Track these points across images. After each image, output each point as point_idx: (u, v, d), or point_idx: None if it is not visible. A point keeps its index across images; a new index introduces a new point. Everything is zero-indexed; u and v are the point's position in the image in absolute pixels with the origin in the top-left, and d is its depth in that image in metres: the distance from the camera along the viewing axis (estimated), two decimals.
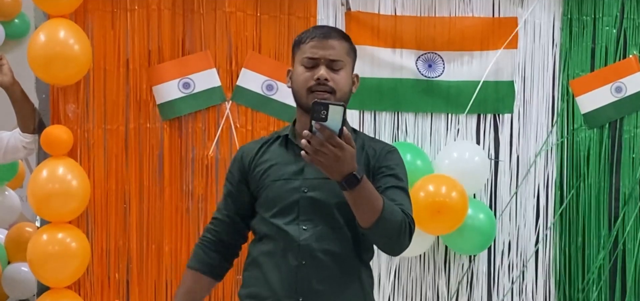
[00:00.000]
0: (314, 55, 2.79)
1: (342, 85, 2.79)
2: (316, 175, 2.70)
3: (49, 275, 3.93)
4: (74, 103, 4.00)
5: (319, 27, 2.90)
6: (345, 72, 2.82)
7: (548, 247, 4.22)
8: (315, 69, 2.78)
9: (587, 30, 4.19)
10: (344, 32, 2.92)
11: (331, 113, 2.44)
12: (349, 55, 2.85)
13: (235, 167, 2.95)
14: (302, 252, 2.75)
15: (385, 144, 2.93)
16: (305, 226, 2.77)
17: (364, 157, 2.83)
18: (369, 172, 2.80)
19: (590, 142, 4.18)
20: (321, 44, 2.79)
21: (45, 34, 3.84)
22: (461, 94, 4.18)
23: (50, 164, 3.89)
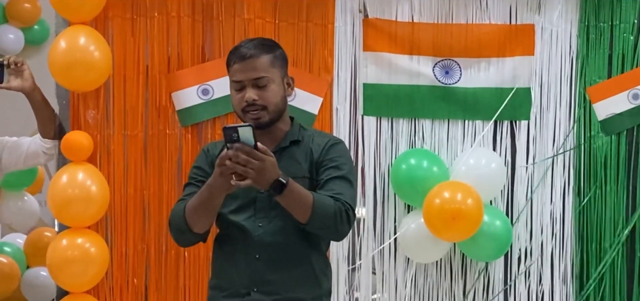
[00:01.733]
0: (239, 78, 2.96)
1: (271, 98, 2.95)
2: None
3: (68, 279, 3.95)
4: (94, 109, 4.03)
5: (242, 45, 3.01)
6: (273, 84, 2.97)
7: (565, 254, 4.22)
8: (243, 91, 2.96)
9: (604, 37, 4.19)
10: (267, 42, 3.05)
11: (241, 134, 2.66)
12: (273, 66, 2.98)
13: (203, 161, 3.08)
14: (256, 246, 2.95)
15: (330, 137, 3.10)
16: (260, 223, 2.97)
17: (308, 153, 3.02)
18: (313, 165, 3.00)
19: (607, 148, 4.18)
20: (243, 66, 2.96)
21: (65, 40, 3.87)
22: (478, 101, 4.19)
23: (70, 170, 3.92)
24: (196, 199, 2.92)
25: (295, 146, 3.04)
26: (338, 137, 3.19)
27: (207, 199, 2.88)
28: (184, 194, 3.08)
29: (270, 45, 3.04)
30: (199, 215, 2.93)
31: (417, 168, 4.09)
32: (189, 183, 3.10)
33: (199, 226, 2.96)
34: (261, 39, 3.09)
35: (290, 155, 3.02)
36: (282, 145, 3.02)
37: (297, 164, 3.00)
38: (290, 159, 3.00)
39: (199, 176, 3.07)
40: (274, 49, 3.04)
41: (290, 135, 3.05)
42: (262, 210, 2.98)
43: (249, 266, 2.97)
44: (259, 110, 2.95)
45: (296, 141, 3.04)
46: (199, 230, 2.97)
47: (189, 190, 3.06)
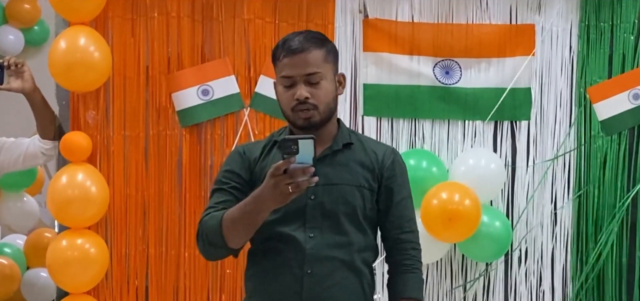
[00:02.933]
0: (289, 74, 2.71)
1: (323, 97, 2.71)
2: (322, 180, 2.62)
3: (68, 280, 3.95)
4: (93, 110, 4.03)
5: (290, 38, 2.75)
6: (326, 81, 2.72)
7: (565, 254, 4.22)
8: (293, 88, 2.70)
9: (605, 37, 4.19)
10: (318, 35, 2.79)
11: (301, 147, 2.43)
12: (326, 61, 2.74)
13: (238, 165, 2.79)
14: (308, 260, 2.70)
15: (385, 148, 2.87)
16: (312, 234, 2.71)
17: (366, 160, 2.79)
18: (374, 175, 2.78)
19: (608, 149, 4.18)
20: (294, 61, 2.70)
21: (65, 41, 3.87)
22: (478, 101, 4.19)
23: (69, 170, 3.92)
24: (238, 211, 2.60)
25: (348, 150, 2.80)
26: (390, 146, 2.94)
27: (253, 212, 2.56)
28: (213, 201, 2.75)
29: (322, 39, 2.77)
30: (239, 229, 2.62)
31: (416, 169, 4.08)
32: (219, 189, 2.77)
33: (236, 242, 2.66)
34: (311, 32, 2.80)
35: (345, 160, 2.78)
36: (335, 148, 2.78)
37: (355, 171, 2.77)
38: (346, 165, 2.77)
39: (232, 181, 2.77)
40: (326, 42, 2.78)
41: (341, 138, 2.80)
42: (314, 218, 2.71)
43: (299, 282, 2.69)
44: (311, 110, 2.70)
45: (348, 144, 2.80)
46: (235, 245, 2.66)
47: (220, 196, 2.75)
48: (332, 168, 2.74)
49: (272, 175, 2.45)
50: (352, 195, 2.73)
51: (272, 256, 2.73)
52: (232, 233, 2.62)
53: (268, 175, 2.47)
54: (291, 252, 2.70)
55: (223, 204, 2.71)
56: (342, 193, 2.72)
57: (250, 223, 2.60)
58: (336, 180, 2.73)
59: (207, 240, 2.68)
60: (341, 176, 2.73)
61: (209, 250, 2.71)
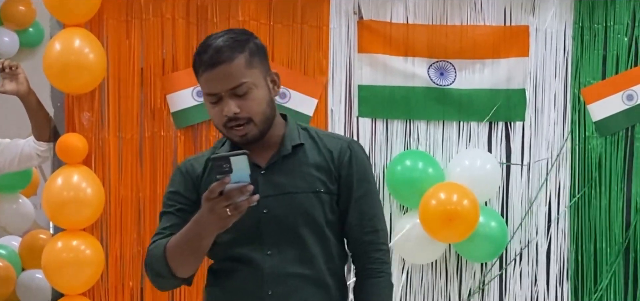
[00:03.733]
0: (212, 90, 2.42)
1: (255, 106, 2.42)
2: (274, 190, 2.46)
3: (63, 282, 3.95)
4: (88, 112, 4.03)
5: (205, 49, 2.44)
6: (256, 89, 2.43)
7: (560, 255, 4.23)
8: (220, 103, 2.42)
9: (599, 38, 4.19)
10: (237, 37, 2.46)
11: (234, 164, 2.21)
12: (251, 66, 2.43)
13: (181, 185, 2.55)
14: (267, 281, 2.46)
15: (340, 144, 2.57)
16: (269, 251, 2.47)
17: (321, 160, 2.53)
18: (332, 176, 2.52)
19: (602, 149, 4.18)
20: (214, 75, 2.40)
21: (60, 42, 3.87)
22: (473, 102, 4.19)
23: (65, 172, 3.92)
24: (180, 239, 2.38)
25: (299, 152, 2.53)
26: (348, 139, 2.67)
27: (195, 239, 2.34)
28: (160, 227, 2.52)
29: (241, 40, 2.44)
30: (185, 258, 2.39)
31: (412, 170, 4.10)
32: (165, 213, 2.54)
33: (183, 271, 2.43)
34: (229, 34, 2.47)
35: (297, 164, 2.51)
36: (284, 153, 2.51)
37: (309, 176, 2.50)
38: (298, 170, 2.51)
39: (178, 203, 2.52)
40: (248, 42, 2.45)
41: (289, 139, 2.52)
42: (270, 234, 2.47)
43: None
44: (245, 125, 2.42)
45: (299, 145, 2.53)
46: (183, 274, 2.44)
47: (167, 221, 2.51)
48: (284, 176, 2.49)
49: (207, 199, 2.23)
50: (309, 203, 2.48)
51: (230, 279, 2.51)
52: (177, 262, 2.40)
53: (203, 199, 2.25)
54: (249, 274, 2.47)
55: (170, 229, 2.48)
56: (298, 203, 2.47)
57: (195, 250, 2.38)
58: (289, 188, 2.48)
59: (154, 271, 2.46)
60: (294, 183, 2.48)
61: (157, 281, 2.48)
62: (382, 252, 2.56)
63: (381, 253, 2.56)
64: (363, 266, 2.56)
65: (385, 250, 2.58)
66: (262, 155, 2.50)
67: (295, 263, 2.48)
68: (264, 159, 2.50)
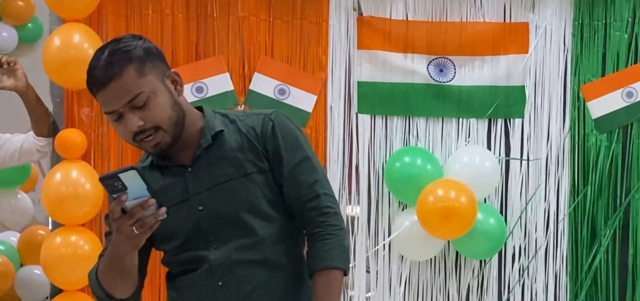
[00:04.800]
0: (110, 109, 2.32)
1: (159, 114, 2.32)
2: (204, 185, 2.41)
3: (62, 277, 3.95)
4: (88, 107, 4.03)
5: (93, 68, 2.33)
6: (154, 96, 2.32)
7: (559, 251, 4.23)
8: (123, 120, 2.32)
9: (598, 35, 4.19)
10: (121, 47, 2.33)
11: (126, 181, 2.13)
12: (143, 74, 2.31)
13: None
14: (216, 272, 2.41)
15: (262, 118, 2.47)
16: (215, 245, 2.42)
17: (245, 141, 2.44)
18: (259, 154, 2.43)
19: (601, 147, 4.18)
20: (107, 95, 2.30)
21: (60, 38, 3.87)
22: (472, 99, 4.19)
23: (64, 167, 3.91)
24: (106, 262, 2.35)
25: (220, 139, 2.43)
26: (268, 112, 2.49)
27: (117, 260, 2.30)
28: (104, 248, 2.48)
29: (127, 50, 2.32)
30: (115, 280, 2.35)
31: (411, 166, 4.10)
32: (107, 233, 2.46)
33: (121, 292, 2.38)
34: (115, 45, 2.35)
35: (221, 152, 2.43)
36: (205, 145, 2.42)
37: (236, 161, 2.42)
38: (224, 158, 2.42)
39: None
40: (134, 50, 2.32)
41: (208, 130, 2.43)
42: (212, 229, 2.41)
43: (213, 298, 2.42)
44: (154, 134, 2.33)
45: (218, 133, 2.43)
46: (121, 295, 2.39)
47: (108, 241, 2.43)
48: (210, 168, 2.41)
49: (113, 220, 2.18)
50: (242, 187, 2.40)
51: (183, 280, 2.46)
52: (110, 284, 2.37)
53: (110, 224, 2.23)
54: (199, 269, 2.42)
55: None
56: (231, 190, 2.39)
57: (121, 270, 2.33)
58: (218, 178, 2.40)
59: (95, 294, 2.43)
60: (222, 172, 2.40)
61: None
62: (328, 215, 2.43)
63: (326, 216, 2.43)
64: (310, 232, 2.45)
65: (331, 212, 2.44)
66: (185, 154, 2.43)
67: (242, 251, 2.41)
68: (188, 158, 2.44)
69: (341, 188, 4.18)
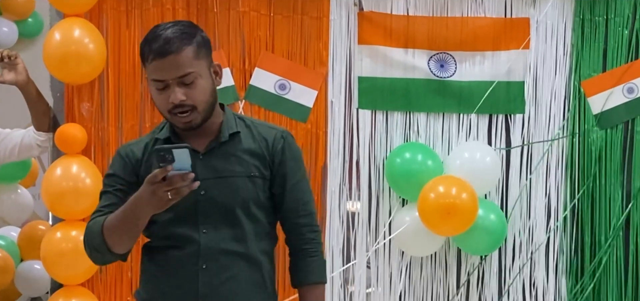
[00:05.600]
0: (161, 77, 2.57)
1: (200, 96, 2.59)
2: (211, 174, 2.64)
3: (62, 272, 3.95)
4: (88, 102, 4.03)
5: (156, 37, 2.59)
6: (201, 79, 2.60)
7: (559, 248, 4.22)
8: (167, 90, 2.58)
9: (599, 31, 4.19)
10: (186, 29, 2.62)
11: (177, 156, 2.38)
12: (199, 57, 2.60)
13: (121, 168, 2.71)
14: (202, 255, 2.64)
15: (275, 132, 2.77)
16: (205, 230, 2.65)
17: (255, 147, 2.71)
18: (265, 162, 2.71)
19: (602, 142, 4.18)
20: (163, 64, 2.55)
21: (60, 32, 3.87)
22: (473, 94, 4.19)
23: (64, 162, 3.91)
24: (118, 217, 2.55)
25: (236, 139, 2.70)
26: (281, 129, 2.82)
27: (132, 217, 2.52)
28: (99, 205, 2.69)
29: (190, 33, 2.61)
30: (121, 235, 2.57)
31: (411, 162, 4.09)
32: (105, 192, 2.70)
33: (120, 247, 2.61)
34: (178, 26, 2.63)
35: (233, 150, 2.69)
36: (222, 140, 2.68)
37: (244, 161, 2.69)
38: (234, 156, 2.69)
39: (117, 184, 2.69)
40: (195, 35, 2.62)
41: (226, 127, 2.70)
42: (206, 214, 2.64)
43: (194, 278, 2.64)
44: (189, 113, 2.59)
45: (235, 133, 2.71)
46: (120, 250, 2.62)
47: (106, 200, 2.68)
48: (221, 161, 2.67)
49: (150, 182, 2.41)
50: (244, 186, 2.67)
51: (167, 255, 2.67)
52: (114, 239, 2.57)
53: (146, 182, 2.43)
54: (185, 249, 2.64)
55: (109, 207, 2.64)
56: (234, 186, 2.66)
57: (131, 229, 2.55)
58: (226, 172, 2.66)
59: (91, 246, 2.63)
60: (231, 168, 2.66)
61: (95, 255, 2.65)
62: (316, 234, 2.78)
63: (315, 234, 2.78)
64: (299, 246, 2.77)
65: (318, 231, 2.79)
66: (201, 141, 2.67)
67: (229, 241, 2.66)
68: (202, 145, 2.67)
69: (341, 183, 4.18)
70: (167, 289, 2.67)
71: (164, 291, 2.68)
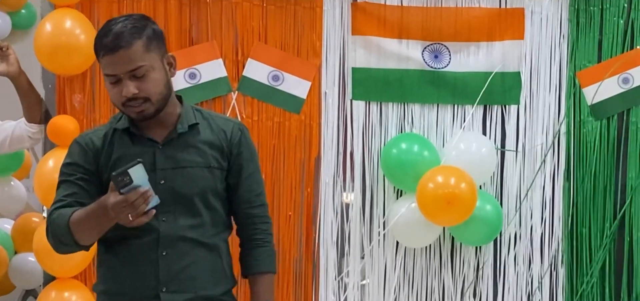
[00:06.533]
0: (112, 72, 2.64)
1: (152, 88, 2.65)
2: (170, 164, 2.72)
3: (55, 264, 3.93)
4: (80, 94, 4.01)
5: (106, 33, 2.64)
6: (153, 71, 2.65)
7: (555, 239, 4.21)
8: (119, 84, 2.64)
9: (595, 21, 4.16)
10: (136, 23, 2.66)
11: (133, 173, 2.47)
12: (149, 51, 2.65)
13: (81, 157, 2.76)
14: (162, 243, 2.71)
15: (232, 124, 2.86)
16: (165, 218, 2.70)
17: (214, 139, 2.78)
18: (223, 153, 2.79)
19: (597, 133, 4.16)
20: (114, 59, 2.62)
21: (51, 23, 3.85)
22: (468, 85, 4.17)
23: (56, 154, 3.88)
24: (85, 217, 2.63)
25: (194, 130, 2.77)
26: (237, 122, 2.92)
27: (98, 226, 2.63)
28: (60, 195, 2.75)
29: (140, 26, 2.65)
30: (88, 233, 2.66)
31: (407, 153, 4.07)
32: (65, 181, 2.76)
33: (87, 240, 2.70)
34: (129, 19, 2.67)
35: (192, 141, 2.76)
36: (180, 131, 2.75)
37: (203, 152, 2.76)
38: (193, 147, 2.76)
39: (77, 173, 2.75)
40: (145, 28, 2.66)
41: (185, 118, 2.77)
42: (165, 203, 2.67)
43: (154, 265, 2.71)
44: (142, 103, 2.65)
45: (194, 124, 2.78)
46: (87, 243, 2.70)
47: (66, 189, 2.74)
48: (179, 151, 2.73)
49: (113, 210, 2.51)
50: (202, 176, 2.74)
51: (126, 244, 2.72)
52: (80, 235, 2.65)
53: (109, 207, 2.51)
54: (145, 237, 2.70)
55: (70, 197, 2.72)
56: (193, 176, 2.73)
57: (99, 229, 2.64)
58: (185, 162, 2.73)
59: (56, 238, 2.70)
60: (190, 158, 2.73)
61: (60, 247, 2.73)
62: (268, 225, 2.88)
63: (266, 225, 2.88)
64: (251, 236, 2.86)
65: (269, 223, 2.89)
66: (159, 131, 2.74)
67: (188, 229, 2.73)
68: (160, 136, 2.74)
69: (336, 175, 4.16)
70: (127, 278, 2.73)
71: (124, 281, 2.73)
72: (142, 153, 2.67)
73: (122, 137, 2.75)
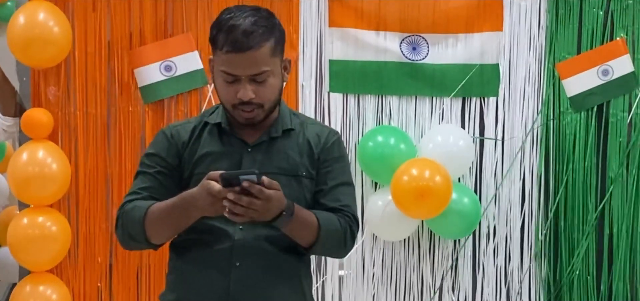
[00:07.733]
0: (234, 72, 2.41)
1: (269, 94, 2.45)
2: (257, 168, 2.47)
3: (29, 258, 3.91)
4: (54, 86, 3.98)
5: (232, 28, 2.40)
6: (273, 77, 2.45)
7: (534, 231, 4.19)
8: (236, 84, 2.42)
9: (574, 13, 4.14)
10: (266, 23, 2.44)
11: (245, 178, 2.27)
12: (275, 55, 2.44)
13: (165, 149, 2.56)
14: (236, 252, 2.48)
15: (328, 130, 2.64)
16: (242, 226, 2.48)
17: (304, 145, 2.57)
18: (314, 162, 2.57)
19: (577, 125, 4.14)
20: (238, 59, 2.39)
21: (24, 16, 3.81)
22: (446, 77, 4.15)
23: (30, 147, 3.87)
24: (164, 211, 2.42)
25: (287, 136, 2.57)
26: (333, 129, 2.71)
27: (181, 217, 2.40)
28: (136, 186, 2.54)
29: (269, 26, 2.43)
30: (164, 229, 2.45)
31: (384, 146, 4.06)
32: (143, 173, 2.55)
33: (159, 239, 2.49)
34: (257, 16, 2.43)
35: (283, 147, 2.55)
36: (273, 135, 2.55)
37: (292, 160, 2.54)
38: (283, 153, 2.54)
39: (158, 165, 2.55)
40: (274, 29, 2.45)
41: (281, 123, 2.57)
42: None
43: (226, 276, 2.48)
44: (254, 109, 2.44)
45: (289, 130, 2.58)
46: (158, 242, 2.50)
47: (144, 181, 2.54)
48: (268, 156, 2.53)
49: (210, 194, 2.28)
50: (288, 185, 2.47)
51: (198, 249, 2.51)
52: (154, 231, 2.44)
53: (206, 191, 2.29)
54: (218, 244, 2.49)
55: (147, 190, 2.52)
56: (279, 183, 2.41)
57: (176, 225, 2.44)
58: (272, 169, 2.50)
59: (127, 232, 2.49)
60: (278, 165, 2.52)
61: (128, 242, 2.52)
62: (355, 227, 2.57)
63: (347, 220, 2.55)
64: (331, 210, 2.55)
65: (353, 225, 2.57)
66: (251, 132, 2.53)
67: (266, 240, 2.49)
68: (252, 137, 2.54)
69: None
70: (195, 287, 2.50)
71: (191, 289, 2.51)
72: (230, 153, 2.51)
73: (212, 132, 2.56)
